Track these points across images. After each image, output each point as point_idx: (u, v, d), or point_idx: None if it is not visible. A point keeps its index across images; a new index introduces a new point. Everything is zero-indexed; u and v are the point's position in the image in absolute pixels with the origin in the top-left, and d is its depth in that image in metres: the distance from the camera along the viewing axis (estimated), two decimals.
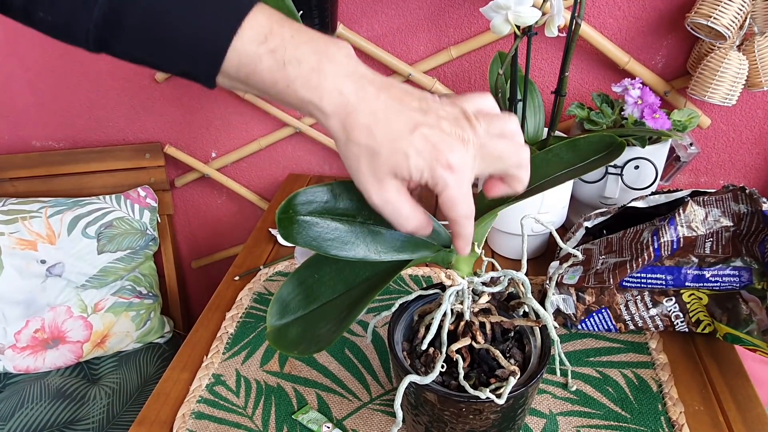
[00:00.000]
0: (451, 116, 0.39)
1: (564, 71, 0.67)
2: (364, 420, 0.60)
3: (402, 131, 0.38)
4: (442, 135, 0.38)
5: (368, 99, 0.38)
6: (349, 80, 0.38)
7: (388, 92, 0.39)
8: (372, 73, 0.39)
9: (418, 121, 0.38)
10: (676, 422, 0.58)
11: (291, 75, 0.37)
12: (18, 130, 1.15)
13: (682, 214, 0.62)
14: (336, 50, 0.38)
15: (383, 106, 0.38)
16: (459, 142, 0.38)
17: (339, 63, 0.38)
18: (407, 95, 0.39)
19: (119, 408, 1.00)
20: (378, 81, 0.39)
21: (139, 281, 1.13)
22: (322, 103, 0.38)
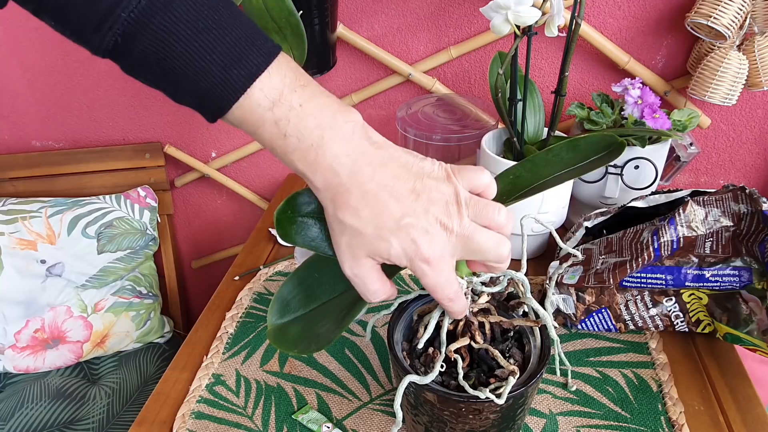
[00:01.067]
0: (442, 200, 0.39)
1: (564, 71, 0.67)
2: (364, 420, 0.60)
3: (388, 222, 0.38)
4: (427, 229, 0.38)
5: (362, 181, 0.38)
6: (347, 160, 0.38)
7: (384, 172, 0.38)
8: (373, 147, 0.39)
9: (406, 211, 0.38)
10: (676, 422, 0.58)
11: (290, 147, 0.38)
12: (18, 130, 1.15)
13: (682, 214, 0.62)
14: (342, 124, 0.38)
15: (375, 189, 0.38)
16: (442, 234, 0.39)
17: (340, 140, 0.38)
18: (403, 175, 0.39)
19: (119, 408, 1.00)
20: (377, 158, 0.38)
21: (139, 281, 1.13)
22: (315, 178, 0.38)
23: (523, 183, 0.48)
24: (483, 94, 0.95)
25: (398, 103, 0.99)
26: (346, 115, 0.38)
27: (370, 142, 0.39)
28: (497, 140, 0.81)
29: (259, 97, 0.36)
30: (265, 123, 0.37)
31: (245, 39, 0.36)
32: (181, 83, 0.36)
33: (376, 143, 0.39)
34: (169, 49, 0.34)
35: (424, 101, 0.90)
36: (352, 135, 0.38)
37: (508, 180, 0.48)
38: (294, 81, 0.37)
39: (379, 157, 0.39)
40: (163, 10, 0.34)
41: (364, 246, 0.39)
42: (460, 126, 0.84)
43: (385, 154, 0.39)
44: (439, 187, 0.39)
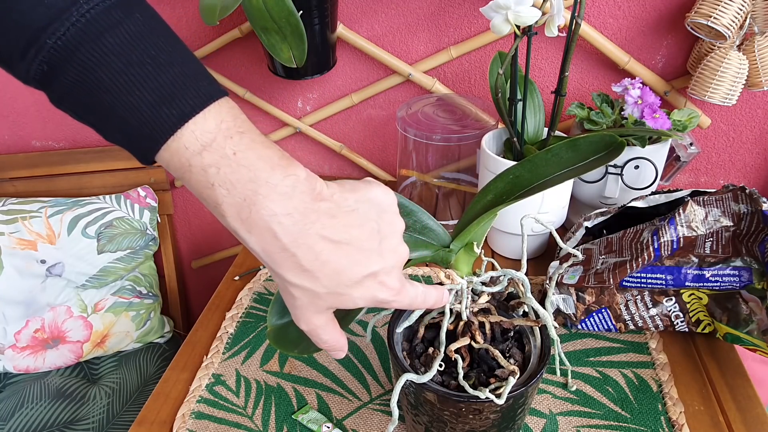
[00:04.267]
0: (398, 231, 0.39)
1: (564, 71, 0.67)
2: (364, 420, 0.60)
3: (351, 277, 0.36)
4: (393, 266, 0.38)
5: (310, 243, 0.34)
6: (288, 220, 0.34)
7: (336, 226, 0.35)
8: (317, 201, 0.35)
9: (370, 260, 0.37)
10: (676, 422, 0.58)
11: (219, 198, 0.33)
12: (18, 130, 1.15)
13: (682, 214, 0.62)
14: (280, 179, 0.34)
15: (329, 249, 0.35)
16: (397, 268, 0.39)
17: (279, 197, 0.34)
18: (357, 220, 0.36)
19: (119, 408, 1.00)
20: (324, 211, 0.35)
21: (139, 281, 1.13)
22: (250, 240, 0.34)
23: (523, 183, 0.48)
24: (483, 94, 0.95)
25: (398, 103, 0.99)
26: (287, 169, 0.34)
27: (314, 195, 0.35)
28: (497, 140, 0.81)
29: (188, 139, 0.33)
30: (192, 169, 0.33)
31: (184, 78, 0.33)
32: (108, 119, 0.33)
33: (321, 195, 0.35)
34: (97, 82, 0.32)
35: (424, 101, 0.90)
36: (293, 191, 0.34)
37: (508, 180, 0.48)
38: (232, 127, 0.34)
39: (326, 210, 0.35)
40: (94, 39, 0.31)
41: (321, 305, 0.37)
42: (460, 126, 0.84)
43: (330, 204, 0.36)
44: (390, 222, 0.39)
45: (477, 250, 0.48)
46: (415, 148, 0.88)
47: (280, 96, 1.02)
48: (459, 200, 0.91)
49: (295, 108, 1.03)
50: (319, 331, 0.40)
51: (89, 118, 0.34)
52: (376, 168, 1.06)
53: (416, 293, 0.42)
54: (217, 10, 0.71)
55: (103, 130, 0.34)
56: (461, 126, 0.84)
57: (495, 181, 0.49)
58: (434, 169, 0.89)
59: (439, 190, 0.91)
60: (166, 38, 0.34)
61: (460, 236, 0.48)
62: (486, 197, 0.49)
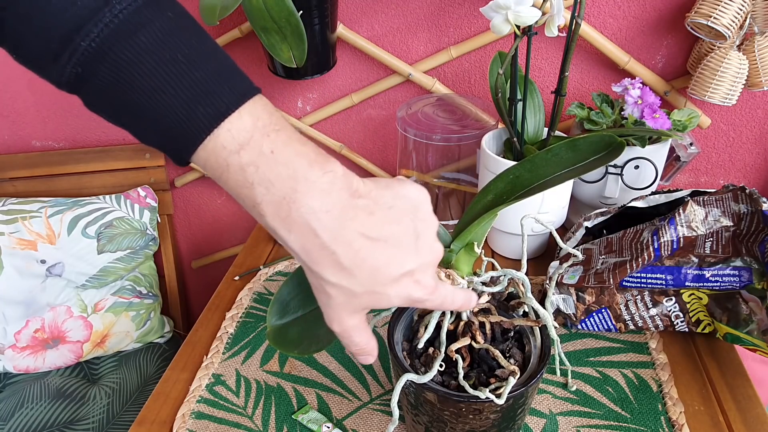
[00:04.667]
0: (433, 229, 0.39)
1: (564, 71, 0.67)
2: (364, 420, 0.60)
3: (390, 275, 0.36)
4: (429, 264, 0.38)
5: (349, 240, 0.34)
6: (327, 217, 0.33)
7: (373, 223, 0.35)
8: (355, 198, 0.35)
9: (407, 258, 0.36)
10: (676, 422, 0.58)
11: (258, 197, 0.33)
12: (18, 130, 1.15)
13: (682, 214, 0.62)
14: (319, 175, 0.33)
15: (368, 246, 0.35)
16: (432, 267, 0.39)
17: (318, 193, 0.33)
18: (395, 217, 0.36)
19: (119, 408, 1.00)
20: (362, 209, 0.35)
21: (139, 281, 1.13)
22: (289, 238, 0.34)
23: (523, 183, 0.48)
24: (483, 94, 0.95)
25: (398, 103, 0.99)
26: (324, 165, 0.34)
27: (351, 191, 0.35)
28: (497, 140, 0.81)
29: (225, 138, 0.32)
30: (230, 168, 0.33)
31: (217, 76, 0.33)
32: (143, 119, 0.33)
33: (358, 191, 0.35)
34: (131, 82, 0.31)
35: (424, 101, 0.90)
36: (331, 188, 0.34)
37: (508, 180, 0.48)
38: (268, 125, 0.33)
39: (364, 206, 0.35)
40: (126, 39, 0.31)
41: (358, 304, 0.37)
42: (460, 126, 0.84)
43: (367, 201, 0.35)
44: (426, 219, 0.38)
45: (477, 250, 0.48)
46: (415, 148, 0.88)
47: (280, 96, 1.02)
48: (459, 200, 0.91)
49: (295, 108, 1.02)
50: (351, 333, 0.39)
51: (123, 119, 0.34)
52: (376, 168, 1.06)
53: (446, 293, 0.41)
54: (217, 10, 0.71)
55: (138, 131, 0.34)
56: (461, 126, 0.84)
57: (495, 181, 0.49)
58: (434, 169, 0.89)
59: (439, 190, 0.91)
60: (197, 35, 0.34)
61: (461, 236, 0.48)
62: (486, 197, 0.49)
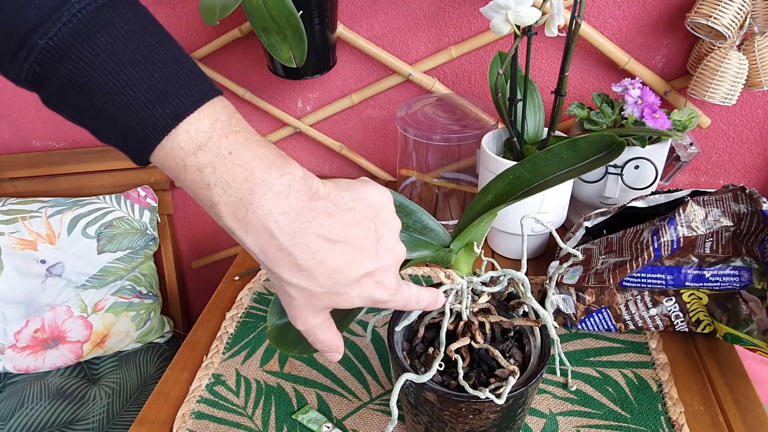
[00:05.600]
0: (395, 230, 0.39)
1: (564, 71, 0.67)
2: (364, 420, 0.60)
3: (349, 276, 0.36)
4: (390, 265, 0.38)
5: (307, 242, 0.34)
6: (284, 219, 0.34)
7: (332, 224, 0.35)
8: (314, 200, 0.35)
9: (367, 259, 0.37)
10: (676, 422, 0.58)
11: (215, 198, 0.33)
12: (18, 130, 1.15)
13: (682, 214, 0.62)
14: (276, 177, 0.33)
15: (326, 247, 0.35)
16: (394, 267, 0.39)
17: (275, 195, 0.33)
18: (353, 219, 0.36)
19: (119, 408, 1.00)
20: (321, 210, 0.35)
21: (139, 281, 1.13)
22: (247, 240, 0.34)
23: (523, 183, 0.48)
24: (483, 94, 0.95)
25: (398, 103, 0.99)
26: (282, 167, 0.34)
27: (310, 194, 0.35)
28: (497, 140, 0.81)
29: (183, 139, 0.32)
30: (187, 169, 0.33)
31: (177, 77, 0.33)
32: (102, 119, 0.33)
33: (317, 193, 0.35)
34: (90, 82, 0.31)
35: (424, 101, 0.90)
36: (289, 190, 0.34)
37: (508, 180, 0.48)
38: (227, 126, 0.33)
39: (322, 208, 0.35)
40: (86, 39, 0.31)
41: (320, 304, 0.37)
42: (460, 126, 0.84)
43: (327, 203, 0.35)
44: (388, 221, 0.39)
45: (477, 250, 0.48)
46: (415, 148, 0.88)
47: (280, 96, 1.02)
48: (459, 200, 0.91)
49: (295, 108, 1.02)
50: (315, 331, 0.40)
51: (82, 118, 0.34)
52: (376, 168, 1.06)
53: (411, 293, 0.42)
54: (217, 10, 0.71)
55: (97, 131, 0.34)
56: (461, 126, 0.84)
57: (495, 181, 0.49)
58: (434, 169, 0.89)
59: (439, 190, 0.91)
60: (158, 37, 0.34)
61: (461, 236, 0.48)
62: (486, 197, 0.49)
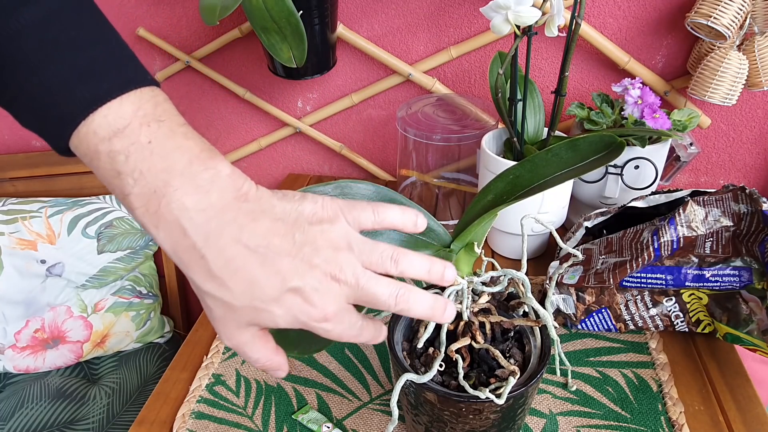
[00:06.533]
0: (329, 248, 0.33)
1: (564, 71, 0.67)
2: (364, 420, 0.60)
3: (267, 291, 0.32)
4: (316, 287, 0.33)
5: (221, 245, 0.31)
6: (200, 217, 0.31)
7: (253, 230, 0.32)
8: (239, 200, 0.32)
9: (287, 273, 0.32)
10: (676, 422, 0.58)
11: (126, 188, 0.31)
12: (18, 129, 1.15)
13: (682, 214, 0.62)
14: (198, 171, 0.31)
15: (242, 254, 0.31)
16: (333, 286, 0.33)
17: (194, 190, 0.31)
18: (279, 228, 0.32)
19: (119, 408, 1.00)
20: (244, 213, 0.32)
21: (139, 281, 1.13)
22: (158, 235, 0.31)
23: (523, 183, 0.48)
24: (483, 94, 0.95)
25: (398, 103, 0.99)
26: (207, 162, 0.32)
27: (237, 194, 0.32)
28: (497, 140, 0.81)
29: (99, 124, 0.30)
30: (100, 155, 0.31)
31: (104, 62, 0.31)
32: (21, 101, 0.31)
33: (245, 194, 0.32)
34: (10, 60, 0.30)
35: (424, 101, 0.90)
36: (211, 186, 0.31)
37: (508, 180, 0.48)
38: (150, 114, 0.31)
39: (247, 211, 0.32)
40: (7, 14, 0.29)
41: (240, 319, 0.34)
42: (460, 126, 0.84)
43: (254, 206, 0.32)
44: (325, 234, 0.34)
45: (477, 250, 0.48)
46: (415, 148, 0.88)
47: (280, 96, 1.02)
48: (459, 200, 0.91)
49: (295, 108, 1.03)
50: (244, 349, 0.36)
51: (2, 99, 0.32)
52: (376, 168, 1.06)
53: (350, 323, 0.36)
54: (217, 10, 0.71)
55: (17, 113, 0.32)
56: (461, 126, 0.84)
57: (495, 181, 0.49)
58: (434, 169, 0.89)
59: (439, 190, 0.91)
60: (91, 18, 0.32)
61: (461, 236, 0.48)
62: (486, 197, 0.49)
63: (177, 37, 0.97)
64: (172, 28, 0.96)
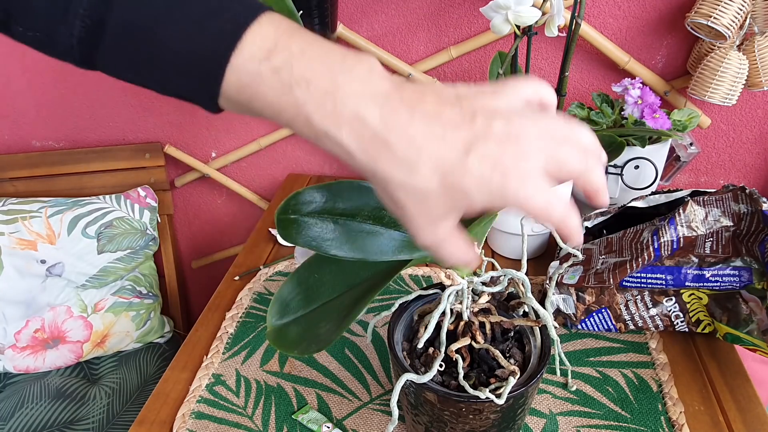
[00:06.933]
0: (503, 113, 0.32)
1: (564, 71, 0.67)
2: (364, 420, 0.60)
3: (452, 160, 0.31)
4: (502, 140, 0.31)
5: (401, 125, 0.31)
6: (374, 103, 0.31)
7: (424, 105, 0.32)
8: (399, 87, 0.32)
9: (468, 138, 0.31)
10: (676, 422, 0.58)
11: (300, 99, 0.31)
12: (18, 130, 1.15)
13: (682, 214, 0.62)
14: (355, 64, 0.32)
15: (421, 131, 0.31)
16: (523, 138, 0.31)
17: (360, 81, 0.32)
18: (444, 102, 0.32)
19: (119, 408, 1.00)
20: (409, 94, 0.32)
21: (139, 281, 1.13)
22: (341, 136, 0.31)
23: None
24: None
25: None
26: (359, 56, 0.32)
27: (393, 81, 0.33)
28: None
29: (251, 49, 0.31)
30: (263, 77, 0.31)
31: None
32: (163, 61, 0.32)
33: (400, 81, 0.33)
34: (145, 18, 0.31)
35: None
36: (370, 75, 0.32)
37: None
38: (291, 28, 0.32)
39: (411, 91, 0.32)
40: None
41: (436, 207, 0.32)
42: None
43: (415, 87, 0.33)
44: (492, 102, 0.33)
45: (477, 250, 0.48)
46: None
47: None
48: None
49: None
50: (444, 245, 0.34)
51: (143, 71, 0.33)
52: None
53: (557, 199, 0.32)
54: None
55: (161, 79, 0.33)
56: None
57: None
58: None
59: None
60: None
61: None
62: None
63: None
64: None
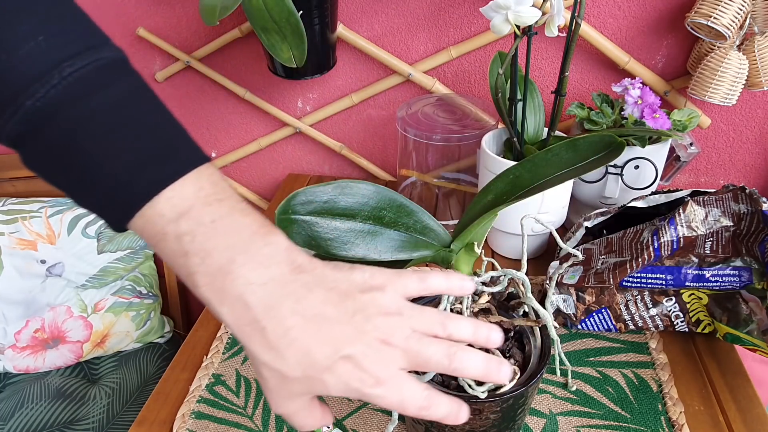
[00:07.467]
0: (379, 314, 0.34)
1: (564, 71, 0.67)
2: (364, 420, 0.60)
3: (320, 360, 0.33)
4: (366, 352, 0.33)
5: (281, 316, 0.32)
6: (262, 291, 0.32)
7: (309, 300, 0.33)
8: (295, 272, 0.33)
9: (340, 341, 0.33)
10: (676, 422, 0.58)
11: (192, 268, 0.32)
12: None
13: (682, 214, 0.62)
14: (259, 247, 0.33)
15: (300, 324, 0.32)
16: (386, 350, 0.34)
17: (257, 266, 0.32)
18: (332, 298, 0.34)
19: (119, 408, 1.00)
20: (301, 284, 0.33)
21: (139, 281, 1.13)
22: (222, 311, 0.33)
23: (523, 183, 0.48)
24: (483, 94, 0.95)
25: (398, 103, 0.99)
26: (266, 237, 0.33)
27: (293, 266, 0.34)
28: (497, 140, 0.81)
29: (164, 207, 0.32)
30: (167, 237, 0.32)
31: (165, 145, 0.32)
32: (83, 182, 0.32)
33: (300, 267, 0.34)
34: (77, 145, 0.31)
35: (424, 101, 0.90)
36: (270, 261, 0.33)
37: (508, 180, 0.48)
38: (211, 194, 0.33)
39: (303, 282, 0.33)
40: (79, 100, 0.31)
41: (293, 389, 0.34)
42: (460, 126, 0.84)
43: (309, 278, 0.34)
44: (375, 301, 0.35)
45: (477, 251, 0.48)
46: (415, 148, 0.88)
47: (280, 96, 1.02)
48: (459, 200, 0.91)
49: (295, 108, 1.02)
50: (293, 418, 0.36)
51: (60, 179, 0.33)
52: (376, 168, 1.06)
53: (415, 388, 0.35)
54: (217, 10, 0.71)
55: (74, 193, 0.33)
56: (461, 126, 0.84)
57: (495, 181, 0.49)
58: (434, 169, 0.89)
59: (439, 190, 0.91)
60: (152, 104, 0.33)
61: (461, 236, 0.48)
62: (486, 197, 0.49)
63: (177, 37, 0.97)
64: (172, 28, 0.96)
